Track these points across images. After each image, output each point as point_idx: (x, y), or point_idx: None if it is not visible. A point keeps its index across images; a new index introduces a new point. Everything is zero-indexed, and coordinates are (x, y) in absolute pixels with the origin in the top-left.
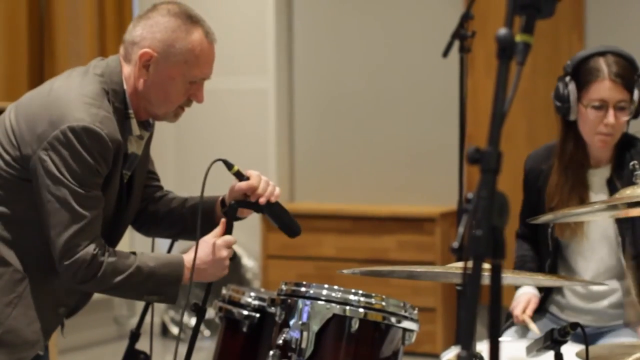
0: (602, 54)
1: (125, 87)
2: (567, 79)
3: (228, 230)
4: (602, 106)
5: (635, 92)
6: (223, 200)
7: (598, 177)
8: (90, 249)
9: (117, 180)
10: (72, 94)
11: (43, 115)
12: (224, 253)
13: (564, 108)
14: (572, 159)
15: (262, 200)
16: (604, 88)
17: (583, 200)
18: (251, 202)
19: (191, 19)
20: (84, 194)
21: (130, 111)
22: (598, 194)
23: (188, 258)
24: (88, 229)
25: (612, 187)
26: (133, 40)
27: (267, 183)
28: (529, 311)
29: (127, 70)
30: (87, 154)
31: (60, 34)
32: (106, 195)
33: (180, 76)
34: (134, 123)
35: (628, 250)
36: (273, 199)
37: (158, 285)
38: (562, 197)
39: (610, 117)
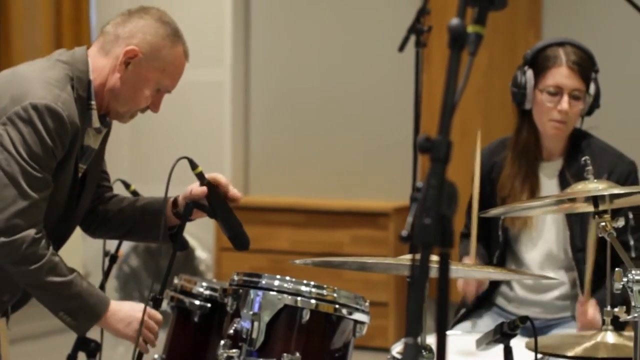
0: (561, 44)
1: (91, 77)
2: (526, 67)
3: (181, 228)
4: (557, 92)
5: (592, 87)
6: (175, 202)
7: (550, 169)
8: (32, 232)
9: (70, 169)
10: (36, 75)
11: (4, 92)
12: (138, 315)
13: (520, 94)
14: (526, 149)
15: (233, 194)
16: (561, 74)
17: (534, 192)
18: (206, 206)
19: (177, 33)
20: (34, 174)
21: (93, 102)
22: (549, 187)
23: (114, 304)
24: (32, 211)
25: (563, 180)
26: (119, 35)
27: (229, 183)
28: (475, 290)
29: (101, 62)
30: (45, 133)
31: (16, 24)
32: (58, 183)
33: (153, 81)
34: (94, 115)
35: (576, 243)
36: (239, 195)
37: (79, 309)
38: (513, 187)
39: (564, 103)
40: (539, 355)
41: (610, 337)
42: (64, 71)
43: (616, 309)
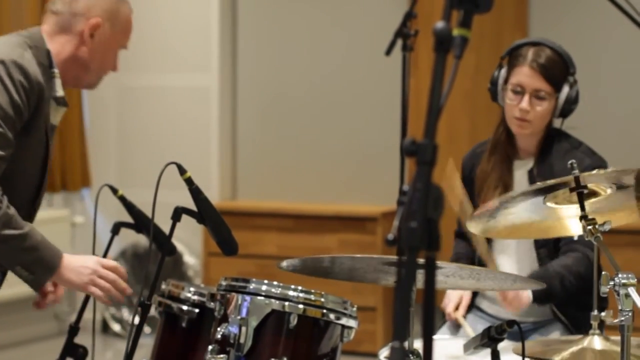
0: (536, 44)
1: (49, 47)
2: (502, 64)
3: (170, 233)
4: (520, 91)
5: (565, 89)
6: None
7: (522, 168)
8: None
9: (41, 138)
10: None
11: None
12: (90, 264)
13: (492, 91)
14: (501, 146)
15: None
16: (523, 74)
17: (507, 189)
18: (195, 211)
19: None
20: None
21: (55, 70)
22: (520, 185)
23: (67, 256)
24: None
25: (532, 179)
26: (75, 11)
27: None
28: (462, 310)
29: (61, 39)
30: (13, 88)
31: (2, 6)
32: (30, 151)
33: (117, 44)
34: (57, 83)
35: (539, 240)
36: None
37: (35, 262)
38: (488, 184)
39: (524, 102)
40: None
41: (597, 342)
42: (22, 39)
43: (603, 314)
